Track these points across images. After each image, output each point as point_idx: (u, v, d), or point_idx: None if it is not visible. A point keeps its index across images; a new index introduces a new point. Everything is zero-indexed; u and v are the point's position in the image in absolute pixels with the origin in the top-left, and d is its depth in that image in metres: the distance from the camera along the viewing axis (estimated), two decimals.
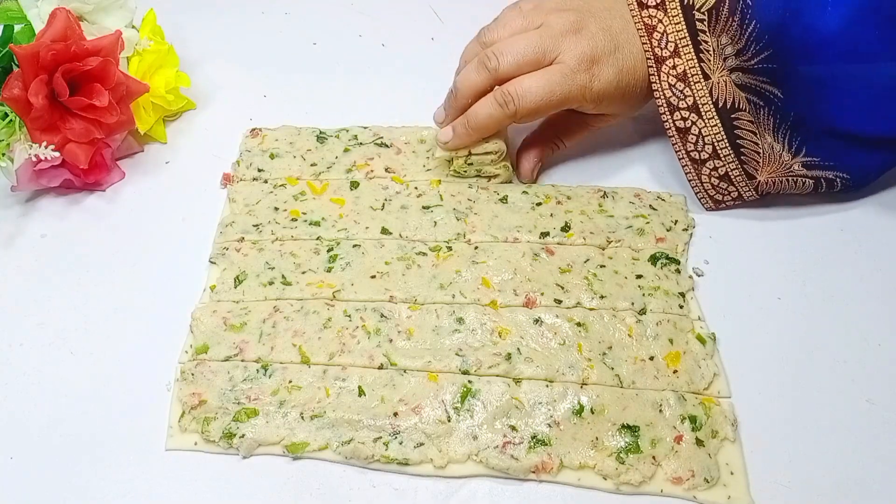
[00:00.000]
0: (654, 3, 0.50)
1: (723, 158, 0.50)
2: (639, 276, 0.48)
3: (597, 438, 0.40)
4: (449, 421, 0.41)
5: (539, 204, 0.52)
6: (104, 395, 0.43)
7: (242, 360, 0.44)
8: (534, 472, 0.40)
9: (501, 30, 0.51)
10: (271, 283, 0.48)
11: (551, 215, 0.52)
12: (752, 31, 0.46)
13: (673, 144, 0.51)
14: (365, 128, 0.58)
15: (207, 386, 0.43)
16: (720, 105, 0.49)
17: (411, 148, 0.56)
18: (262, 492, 0.40)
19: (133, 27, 0.59)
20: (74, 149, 0.52)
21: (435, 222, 0.51)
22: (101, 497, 0.39)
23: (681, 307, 0.46)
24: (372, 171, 0.55)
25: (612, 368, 0.43)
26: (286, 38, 0.70)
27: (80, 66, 0.51)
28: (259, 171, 0.55)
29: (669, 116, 0.50)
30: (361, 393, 0.42)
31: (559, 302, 0.46)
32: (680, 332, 0.45)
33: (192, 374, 0.43)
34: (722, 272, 0.49)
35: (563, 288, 0.47)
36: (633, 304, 0.46)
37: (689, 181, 0.52)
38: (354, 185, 0.54)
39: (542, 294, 0.47)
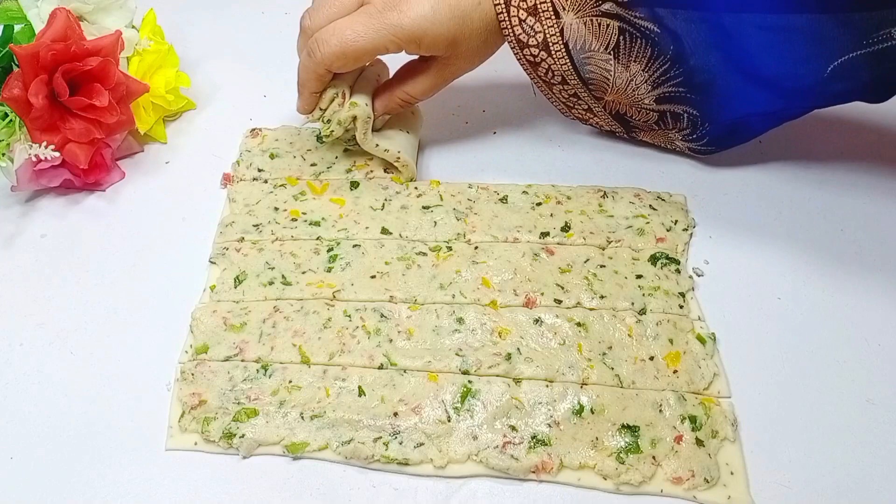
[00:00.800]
0: None
1: (571, 85, 0.51)
2: (639, 276, 0.48)
3: (597, 438, 0.40)
4: (449, 421, 0.41)
5: (539, 204, 0.52)
6: (104, 395, 0.43)
7: (242, 360, 0.44)
8: (534, 472, 0.40)
9: None
10: (271, 283, 0.48)
11: (551, 215, 0.52)
12: None
13: (525, 70, 0.51)
14: None
15: (207, 386, 0.43)
16: (570, 45, 0.48)
17: None
18: (262, 492, 0.40)
19: (133, 27, 0.59)
20: (74, 149, 0.52)
21: (435, 222, 0.51)
22: (101, 497, 0.39)
23: (681, 307, 0.46)
24: (372, 171, 0.55)
25: (612, 368, 0.43)
26: (286, 38, 0.69)
27: (80, 66, 0.51)
28: (259, 171, 0.55)
29: (520, 52, 0.50)
30: (361, 393, 0.42)
31: (559, 302, 0.46)
32: (680, 332, 0.45)
33: (192, 374, 0.43)
34: (722, 272, 0.49)
35: (563, 288, 0.47)
36: (633, 304, 0.46)
37: (543, 93, 0.54)
38: (354, 185, 0.54)
39: (542, 294, 0.47)
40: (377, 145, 0.53)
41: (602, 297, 0.47)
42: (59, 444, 0.41)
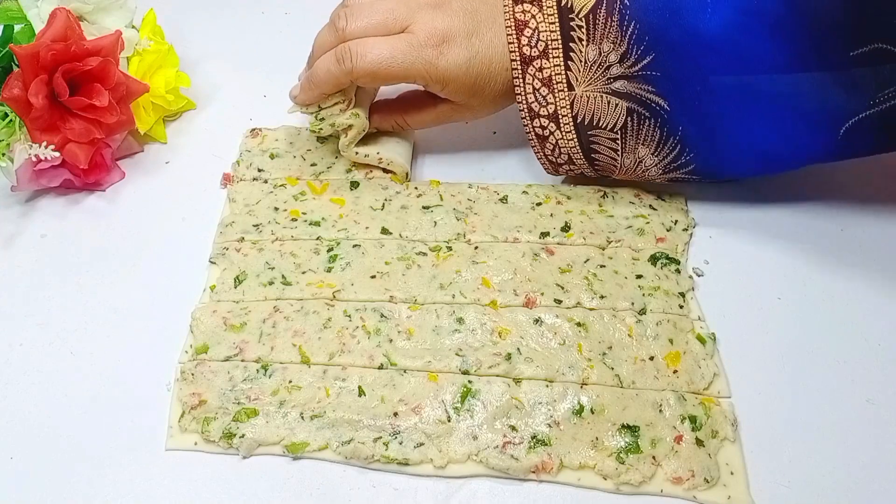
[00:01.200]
0: None
1: (578, 165, 0.51)
2: (639, 276, 0.48)
3: (597, 438, 0.40)
4: (449, 421, 0.41)
5: (539, 204, 0.52)
6: (104, 395, 0.43)
7: (242, 360, 0.44)
8: (534, 472, 0.40)
9: None
10: (271, 283, 0.48)
11: (551, 215, 0.52)
12: (632, 32, 0.44)
13: (532, 146, 0.50)
14: None
15: (207, 386, 0.43)
16: (578, 120, 0.47)
17: None
18: (262, 492, 0.40)
19: (133, 27, 0.59)
20: (74, 149, 0.52)
21: (435, 222, 0.51)
22: (101, 497, 0.39)
23: (681, 307, 0.46)
24: (371, 171, 0.55)
25: (612, 368, 0.43)
26: (286, 38, 0.70)
27: (80, 66, 0.51)
28: (259, 171, 0.55)
29: (530, 122, 0.49)
30: (361, 393, 0.42)
31: (559, 302, 0.46)
32: (680, 332, 0.45)
33: (192, 374, 0.43)
34: (722, 272, 0.49)
35: (563, 288, 0.47)
36: (633, 304, 0.46)
37: (542, 165, 0.52)
38: (354, 185, 0.54)
39: (542, 294, 0.47)
40: (356, 153, 0.53)
41: (602, 297, 0.47)
42: (59, 444, 0.41)
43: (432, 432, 0.41)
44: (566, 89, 0.47)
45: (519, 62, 0.47)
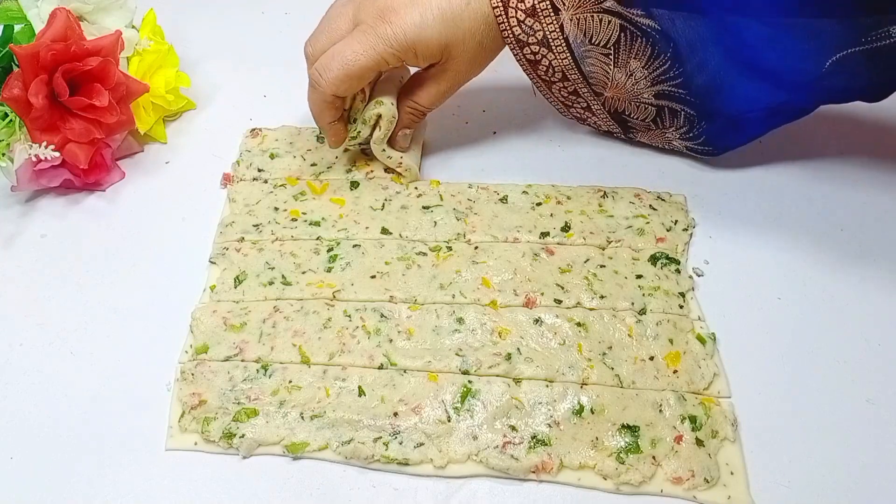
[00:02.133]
0: None
1: (572, 80, 0.51)
2: (639, 276, 0.48)
3: (597, 438, 0.40)
4: (449, 421, 0.41)
5: (539, 204, 0.52)
6: (104, 395, 0.43)
7: (242, 360, 0.44)
8: (534, 472, 0.40)
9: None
10: (271, 283, 0.48)
11: (551, 215, 0.52)
12: None
13: (524, 70, 0.51)
14: None
15: (207, 386, 0.43)
16: (571, 40, 0.49)
17: None
18: (262, 492, 0.40)
19: (133, 27, 0.59)
20: (74, 149, 0.52)
21: (435, 222, 0.51)
22: (101, 497, 0.39)
23: (681, 307, 0.46)
24: (372, 171, 0.55)
25: (612, 368, 0.43)
26: (286, 38, 0.69)
27: (80, 66, 0.51)
28: (259, 171, 0.55)
29: (519, 51, 0.50)
30: (361, 393, 0.42)
31: (559, 302, 0.46)
32: (680, 332, 0.45)
33: (192, 374, 0.43)
34: (722, 272, 0.49)
35: (563, 288, 0.47)
36: (633, 304, 0.46)
37: (541, 92, 0.53)
38: (354, 185, 0.54)
39: (542, 294, 0.47)
40: (384, 150, 0.53)
41: (602, 297, 0.47)
42: (59, 444, 0.41)
43: (432, 432, 0.41)
44: (553, 14, 0.48)
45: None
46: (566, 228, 0.51)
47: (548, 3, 0.47)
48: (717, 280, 0.49)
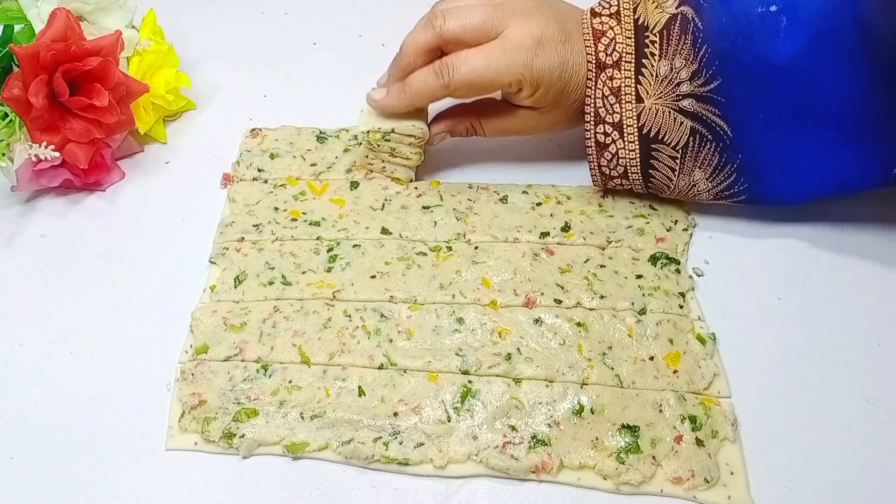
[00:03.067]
0: (608, 13, 0.49)
1: (631, 180, 0.50)
2: (639, 276, 0.48)
3: (597, 438, 0.40)
4: (449, 421, 0.41)
5: (539, 204, 0.52)
6: (104, 395, 0.43)
7: (242, 360, 0.44)
8: (534, 472, 0.40)
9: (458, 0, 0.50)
10: (271, 283, 0.48)
11: (551, 215, 0.52)
12: (703, 54, 0.45)
13: (587, 155, 0.50)
14: None
15: (207, 386, 0.43)
16: (643, 131, 0.48)
17: None
18: (262, 492, 0.40)
19: (133, 27, 0.59)
20: (74, 149, 0.52)
21: (435, 222, 0.51)
22: (101, 497, 0.39)
23: (681, 307, 0.46)
24: (371, 171, 0.55)
25: (612, 368, 0.43)
26: (286, 38, 0.70)
27: (80, 66, 0.51)
28: (259, 171, 0.55)
29: (593, 128, 0.49)
30: (361, 393, 0.42)
31: (559, 302, 0.46)
32: (680, 332, 0.45)
33: (192, 374, 0.43)
34: (722, 272, 0.49)
35: (563, 288, 0.47)
36: (633, 304, 0.46)
37: (592, 177, 0.51)
38: (354, 185, 0.54)
39: (542, 294, 0.47)
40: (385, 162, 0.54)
41: (602, 297, 0.47)
42: (59, 444, 0.41)
43: (432, 432, 0.41)
44: (634, 101, 0.47)
45: (594, 66, 0.48)
46: (566, 228, 0.51)
47: (633, 88, 0.47)
48: (717, 280, 0.49)
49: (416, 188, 0.54)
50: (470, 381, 0.43)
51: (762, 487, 0.39)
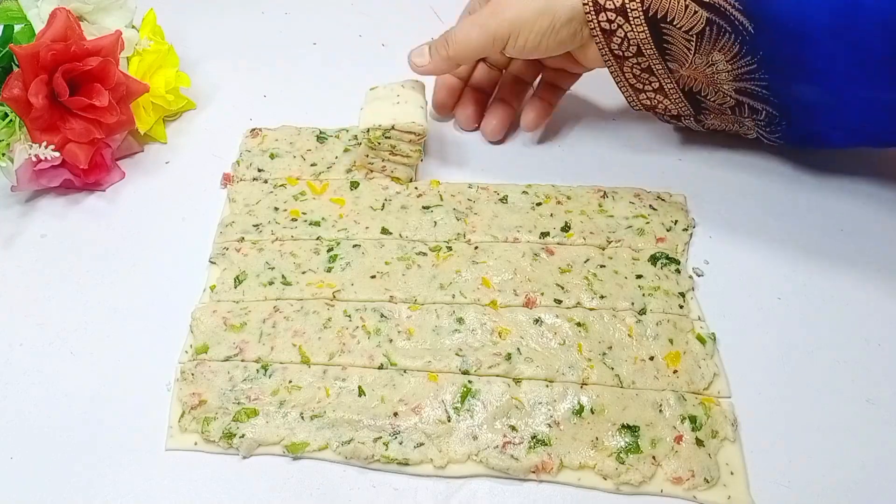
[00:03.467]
0: None
1: (647, 56, 0.48)
2: (639, 276, 0.48)
3: (597, 438, 0.40)
4: (449, 421, 0.41)
5: (539, 204, 0.52)
6: (104, 395, 0.43)
7: (242, 360, 0.44)
8: (534, 472, 0.40)
9: None
10: (271, 283, 0.48)
11: (551, 215, 0.52)
12: None
13: (595, 42, 0.49)
14: None
15: (207, 386, 0.43)
16: (650, 13, 0.46)
17: None
18: (262, 492, 0.40)
19: (133, 27, 0.59)
20: (74, 149, 0.52)
21: (435, 222, 0.51)
22: (101, 497, 0.39)
23: (681, 307, 0.46)
24: (371, 171, 0.55)
25: (612, 368, 0.43)
26: (286, 38, 0.70)
27: (80, 66, 0.51)
28: (259, 171, 0.55)
29: (595, 17, 0.47)
30: (361, 393, 0.42)
31: (559, 302, 0.46)
32: (680, 332, 0.45)
33: (192, 374, 0.43)
34: (722, 272, 0.49)
35: (563, 288, 0.47)
36: (633, 304, 0.46)
37: (612, 75, 0.51)
38: (354, 185, 0.54)
39: (542, 294, 0.47)
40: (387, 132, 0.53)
41: (602, 297, 0.47)
42: (59, 444, 0.41)
43: (432, 432, 0.41)
44: None
45: None
46: (566, 228, 0.51)
47: None
48: (717, 280, 0.49)
49: (416, 188, 0.54)
50: (470, 381, 0.43)
51: (762, 487, 0.39)
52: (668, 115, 0.53)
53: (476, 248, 0.50)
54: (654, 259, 0.49)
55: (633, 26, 0.47)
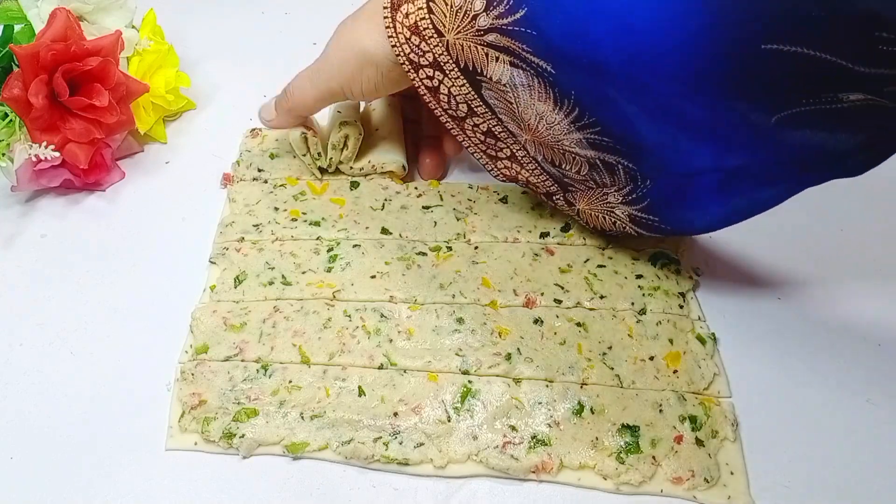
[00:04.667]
0: None
1: (480, 116, 0.45)
2: (639, 276, 0.48)
3: (597, 438, 0.40)
4: (449, 421, 0.41)
5: (539, 204, 0.52)
6: (104, 395, 0.43)
7: (242, 360, 0.44)
8: (534, 472, 0.40)
9: None
10: (271, 283, 0.48)
11: (551, 215, 0.52)
12: None
13: (427, 103, 0.46)
14: None
15: (207, 386, 0.43)
16: (461, 66, 0.42)
17: None
18: (262, 492, 0.40)
19: (133, 27, 0.59)
20: (74, 149, 0.52)
21: (435, 222, 0.51)
22: (101, 497, 0.39)
23: (681, 307, 0.46)
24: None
25: (612, 368, 0.43)
26: (286, 38, 0.70)
27: (80, 66, 0.51)
28: (259, 171, 0.55)
29: (415, 75, 0.44)
30: (361, 393, 0.42)
31: (559, 302, 0.46)
32: (680, 332, 0.45)
33: (192, 374, 0.43)
34: (722, 272, 0.49)
35: (563, 288, 0.47)
36: (633, 304, 0.46)
37: (460, 140, 0.47)
38: (354, 185, 0.54)
39: (542, 294, 0.47)
40: (351, 167, 0.54)
41: (602, 297, 0.47)
42: (59, 444, 0.41)
43: (432, 432, 0.41)
44: (436, 36, 0.42)
45: (389, 8, 0.43)
46: (566, 228, 0.51)
47: (428, 22, 0.42)
48: (717, 280, 0.49)
49: (416, 188, 0.54)
50: (470, 381, 0.43)
51: (762, 487, 0.39)
52: (539, 192, 0.49)
53: (476, 248, 0.50)
54: (654, 259, 0.49)
55: (453, 80, 0.44)
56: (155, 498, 0.39)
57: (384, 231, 0.51)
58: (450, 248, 0.50)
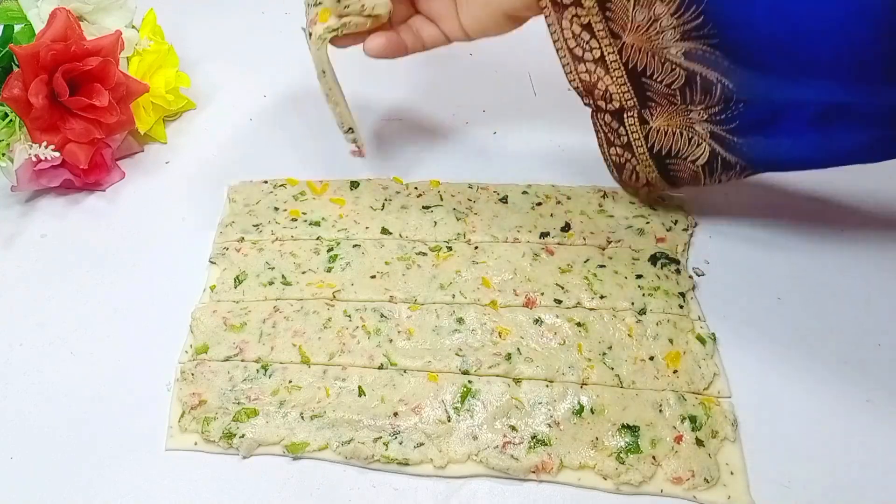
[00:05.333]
0: None
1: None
2: (639, 276, 0.48)
3: (597, 438, 0.40)
4: (449, 421, 0.41)
5: (539, 204, 0.52)
6: (104, 395, 0.43)
7: (242, 360, 0.44)
8: (534, 472, 0.40)
9: None
10: (271, 283, 0.48)
11: (551, 215, 0.52)
12: None
13: (575, 87, 0.46)
14: None
15: (207, 386, 0.43)
16: (630, 66, 0.43)
17: None
18: (262, 492, 0.40)
19: (133, 27, 0.59)
20: (74, 149, 0.52)
21: (435, 222, 0.51)
22: (101, 497, 0.39)
23: (681, 307, 0.46)
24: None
25: (612, 368, 0.43)
26: (286, 38, 0.69)
27: (80, 66, 0.51)
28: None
29: (574, 68, 0.44)
30: (361, 393, 0.42)
31: (559, 302, 0.46)
32: (680, 332, 0.45)
33: (192, 374, 0.43)
34: (722, 272, 0.49)
35: (563, 288, 0.47)
36: (633, 304, 0.46)
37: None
38: (354, 185, 0.54)
39: (542, 294, 0.47)
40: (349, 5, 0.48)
41: (602, 297, 0.47)
42: (59, 444, 0.41)
43: (432, 432, 0.41)
44: (610, 37, 0.43)
45: (551, 6, 0.43)
46: (566, 228, 0.51)
47: (604, 26, 0.42)
48: (717, 280, 0.49)
49: (416, 188, 0.54)
50: (470, 381, 0.43)
51: (762, 487, 0.39)
52: (609, 108, 0.47)
53: (476, 248, 0.50)
54: (654, 259, 0.49)
55: (614, 79, 0.44)
56: (155, 498, 0.39)
57: (384, 231, 0.51)
58: (450, 248, 0.50)
